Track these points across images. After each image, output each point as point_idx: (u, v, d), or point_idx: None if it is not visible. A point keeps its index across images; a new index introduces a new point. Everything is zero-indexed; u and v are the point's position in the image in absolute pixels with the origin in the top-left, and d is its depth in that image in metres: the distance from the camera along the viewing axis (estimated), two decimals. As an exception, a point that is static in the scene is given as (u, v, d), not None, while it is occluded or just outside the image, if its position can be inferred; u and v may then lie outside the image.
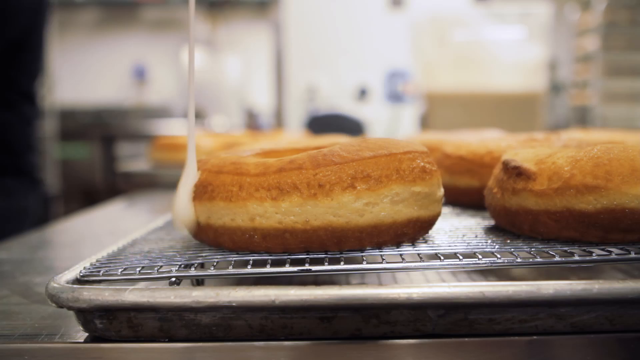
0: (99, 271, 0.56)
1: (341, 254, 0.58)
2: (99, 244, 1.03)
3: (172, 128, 4.83)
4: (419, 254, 0.58)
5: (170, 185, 1.86)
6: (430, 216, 0.63)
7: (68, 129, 4.87)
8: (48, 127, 4.49)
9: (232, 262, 0.57)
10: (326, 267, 0.54)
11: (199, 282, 0.59)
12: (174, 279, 0.54)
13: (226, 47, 6.16)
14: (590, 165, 0.60)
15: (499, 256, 0.55)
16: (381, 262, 0.55)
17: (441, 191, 0.66)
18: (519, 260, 0.55)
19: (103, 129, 5.21)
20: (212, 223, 0.61)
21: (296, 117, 4.53)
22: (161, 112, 5.82)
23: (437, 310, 0.50)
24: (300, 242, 0.58)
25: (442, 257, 0.56)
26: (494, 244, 0.61)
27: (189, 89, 0.64)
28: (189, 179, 0.64)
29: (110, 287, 0.51)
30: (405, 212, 0.60)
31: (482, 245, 0.61)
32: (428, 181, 0.62)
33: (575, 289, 0.49)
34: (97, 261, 0.61)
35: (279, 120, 4.69)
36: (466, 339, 0.51)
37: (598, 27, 4.13)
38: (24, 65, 1.56)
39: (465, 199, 0.90)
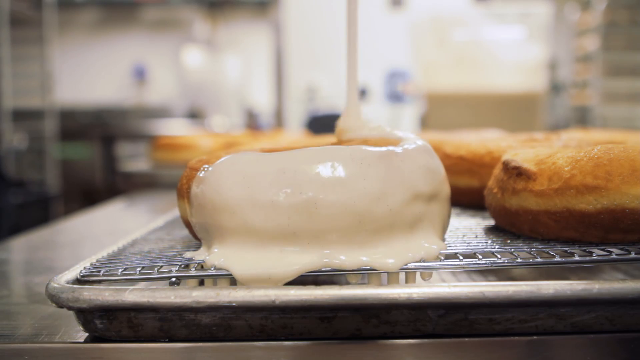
0: (99, 271, 0.56)
1: (341, 254, 0.58)
2: (99, 244, 1.03)
3: (172, 128, 4.83)
4: (419, 254, 0.58)
5: (170, 185, 1.86)
6: (430, 216, 0.63)
7: (68, 129, 4.87)
8: (48, 127, 4.49)
9: (232, 262, 0.57)
10: (326, 267, 0.54)
11: (199, 282, 0.59)
12: (174, 279, 0.54)
13: (226, 47, 6.16)
14: (590, 166, 0.60)
15: (499, 256, 0.55)
16: (381, 262, 0.55)
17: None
18: (519, 260, 0.54)
19: (103, 129, 5.21)
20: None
21: (296, 117, 4.53)
22: (161, 112, 5.82)
23: (437, 310, 0.50)
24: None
25: (442, 257, 0.56)
26: (494, 244, 0.61)
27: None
28: None
29: (110, 287, 0.51)
30: (405, 212, 0.60)
31: (482, 245, 0.61)
32: (428, 181, 0.62)
33: (575, 289, 0.49)
34: (97, 261, 0.61)
35: (278, 120, 4.69)
36: (466, 339, 0.51)
37: (598, 27, 4.13)
38: None
39: (465, 199, 0.90)
